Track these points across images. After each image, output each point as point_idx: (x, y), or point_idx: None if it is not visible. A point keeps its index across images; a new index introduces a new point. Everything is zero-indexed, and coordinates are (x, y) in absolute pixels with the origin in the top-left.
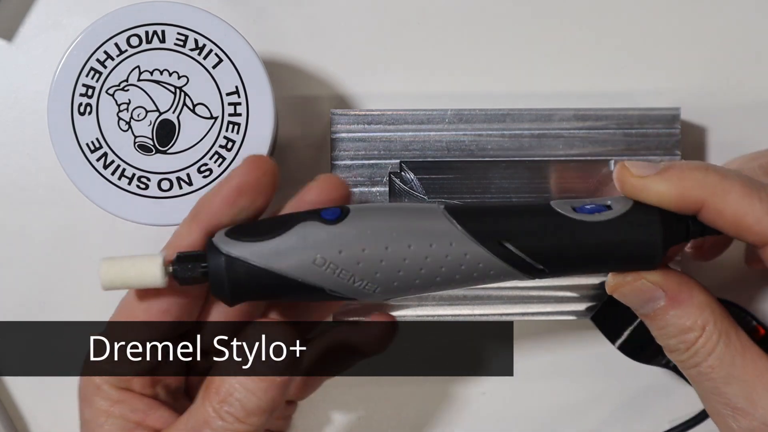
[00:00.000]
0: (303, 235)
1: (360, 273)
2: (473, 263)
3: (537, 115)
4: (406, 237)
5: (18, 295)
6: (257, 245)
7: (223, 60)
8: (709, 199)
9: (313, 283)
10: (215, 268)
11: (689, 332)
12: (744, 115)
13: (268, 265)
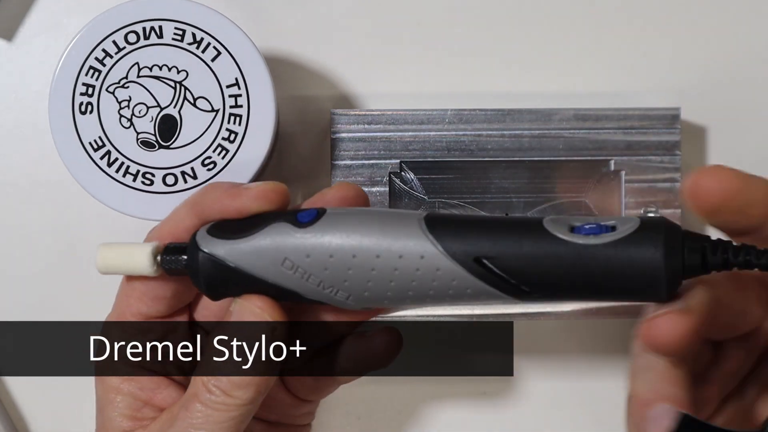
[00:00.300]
0: (273, 236)
1: (328, 280)
2: (446, 280)
3: (537, 115)
4: (375, 246)
5: (18, 295)
6: (230, 243)
7: (221, 53)
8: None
9: (285, 286)
10: (192, 264)
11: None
12: (744, 115)
13: (238, 265)
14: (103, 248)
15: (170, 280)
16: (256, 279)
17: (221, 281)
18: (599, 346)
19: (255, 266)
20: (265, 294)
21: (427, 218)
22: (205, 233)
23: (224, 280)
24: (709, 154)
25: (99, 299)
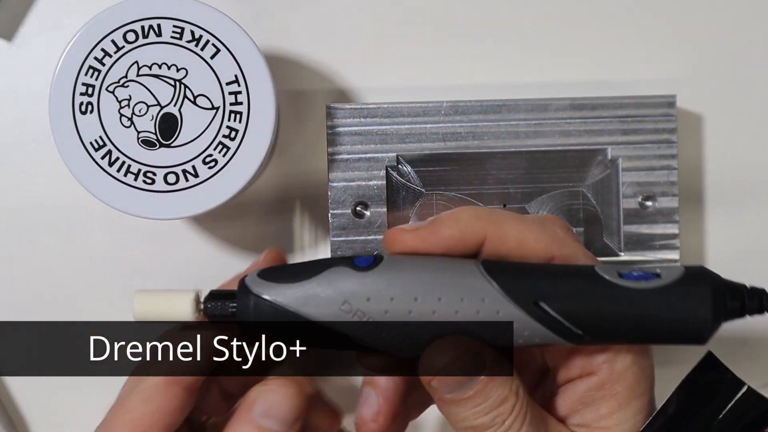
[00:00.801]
0: (332, 280)
1: (387, 323)
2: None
3: (533, 105)
4: (437, 289)
5: (18, 295)
6: (286, 287)
7: (220, 50)
8: (490, 229)
9: (340, 330)
10: (243, 308)
11: (506, 402)
12: (740, 102)
13: (295, 308)
14: (139, 295)
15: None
16: (311, 324)
17: (272, 326)
18: None
19: (313, 310)
20: (317, 341)
21: (484, 263)
22: (257, 278)
23: (276, 326)
24: (705, 142)
25: (99, 299)
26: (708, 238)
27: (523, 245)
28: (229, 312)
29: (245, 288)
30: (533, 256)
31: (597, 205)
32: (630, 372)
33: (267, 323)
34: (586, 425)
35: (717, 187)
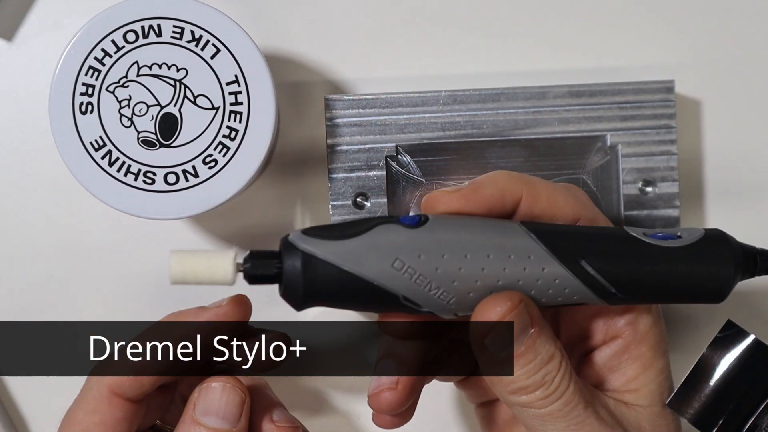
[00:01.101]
0: (384, 236)
1: (438, 280)
2: (549, 279)
3: (531, 93)
4: (486, 246)
5: (18, 295)
6: (336, 244)
7: (220, 50)
8: (525, 189)
9: (390, 288)
10: (290, 267)
11: (553, 359)
12: (738, 87)
13: (346, 265)
14: (176, 256)
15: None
16: (361, 280)
17: (321, 284)
18: None
19: (363, 267)
20: (362, 300)
21: (525, 224)
22: (301, 234)
23: (324, 283)
24: (704, 127)
25: (99, 299)
26: (708, 223)
27: (554, 206)
28: (274, 272)
29: (290, 245)
30: (562, 217)
31: (597, 192)
32: (652, 332)
33: (315, 282)
34: (615, 390)
35: (717, 171)
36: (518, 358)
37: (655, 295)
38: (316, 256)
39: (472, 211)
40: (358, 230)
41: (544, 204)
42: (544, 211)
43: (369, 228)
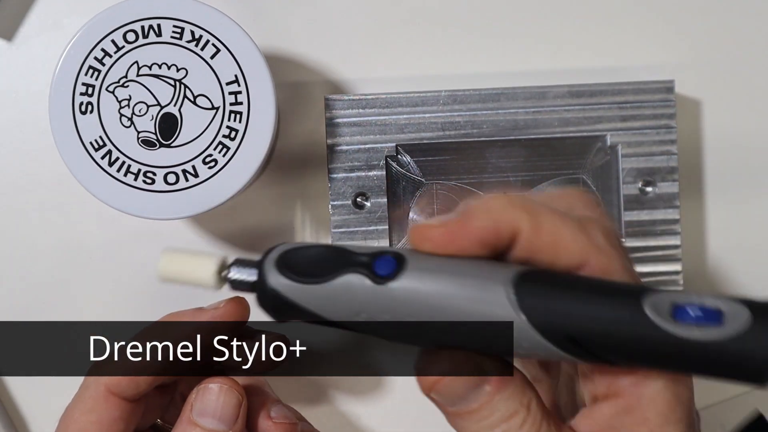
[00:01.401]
0: (348, 289)
1: (403, 336)
2: (531, 350)
3: (531, 93)
4: (459, 314)
5: (18, 295)
6: (299, 286)
7: (220, 50)
8: (524, 219)
9: (356, 328)
10: (261, 290)
11: (515, 416)
12: (738, 87)
13: (309, 307)
14: (166, 255)
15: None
16: (327, 321)
17: (287, 311)
18: None
19: (327, 312)
20: (334, 328)
21: (516, 284)
22: (275, 263)
23: (290, 311)
24: (704, 127)
25: (99, 299)
26: (709, 223)
27: (557, 243)
28: (251, 283)
29: (263, 270)
30: (566, 258)
31: (597, 192)
32: (661, 398)
33: (280, 310)
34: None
35: (717, 171)
36: (471, 413)
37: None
38: (282, 295)
39: (461, 249)
40: (326, 276)
41: (547, 239)
42: (545, 248)
43: (337, 275)
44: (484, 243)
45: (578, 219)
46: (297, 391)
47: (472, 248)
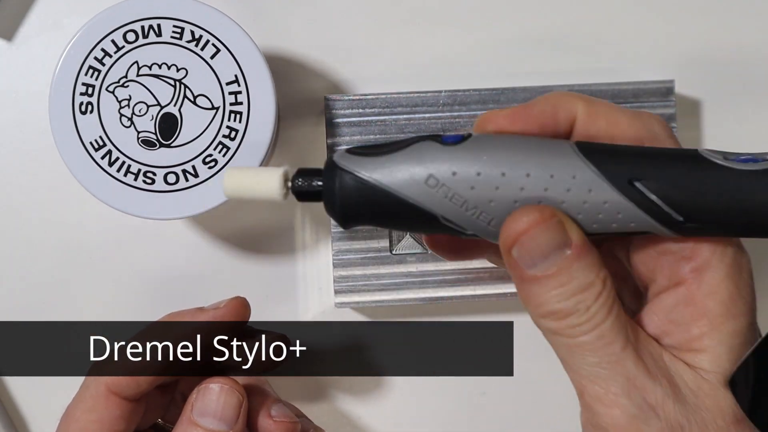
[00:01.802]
0: (418, 153)
1: (474, 199)
2: (598, 202)
3: (531, 93)
4: (526, 165)
5: (18, 295)
6: (371, 159)
7: (220, 50)
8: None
9: (426, 207)
10: (329, 183)
11: (591, 287)
12: (738, 87)
13: (378, 181)
14: (230, 171)
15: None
16: (395, 197)
17: (356, 201)
18: None
19: (397, 184)
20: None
21: (578, 143)
22: (345, 152)
23: (359, 200)
24: (705, 127)
25: (99, 299)
26: None
27: (613, 127)
28: (316, 188)
29: (332, 163)
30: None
31: None
32: (723, 287)
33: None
34: (675, 347)
35: None
36: (549, 279)
37: (734, 225)
38: (351, 172)
39: (522, 129)
40: (396, 147)
41: (603, 124)
42: (603, 132)
43: (407, 144)
44: (543, 126)
45: (634, 111)
46: (297, 391)
47: (532, 131)
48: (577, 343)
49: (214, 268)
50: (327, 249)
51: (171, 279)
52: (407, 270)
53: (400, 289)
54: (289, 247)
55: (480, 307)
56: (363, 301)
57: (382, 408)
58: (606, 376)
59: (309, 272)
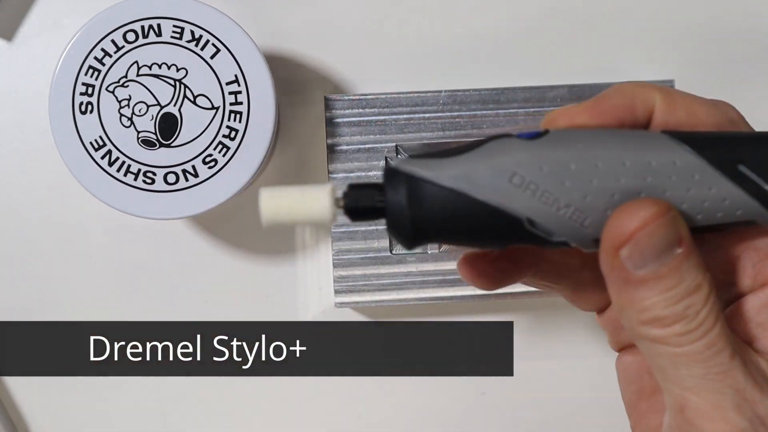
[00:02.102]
0: (498, 150)
1: (566, 195)
2: (703, 189)
3: (532, 93)
4: (621, 154)
5: (19, 295)
6: (444, 162)
7: (220, 50)
8: (658, 95)
9: (510, 209)
10: (394, 194)
11: (700, 290)
12: (737, 88)
13: (456, 184)
14: (267, 192)
15: None
16: (477, 203)
17: (430, 211)
18: (600, 347)
19: (476, 185)
20: (481, 229)
21: (667, 132)
22: (406, 158)
23: (434, 210)
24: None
25: (99, 299)
26: None
27: (692, 117)
28: (377, 203)
29: (393, 170)
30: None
31: None
32: None
33: (423, 209)
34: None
35: None
36: (658, 280)
37: None
38: (422, 177)
39: (599, 123)
40: (467, 147)
41: (681, 115)
42: (683, 122)
43: (480, 144)
44: (621, 119)
45: (710, 99)
46: (297, 391)
47: (609, 125)
48: (684, 353)
49: (214, 268)
50: (327, 249)
51: (171, 279)
52: (407, 270)
53: (400, 289)
54: (289, 247)
55: (480, 307)
56: (363, 301)
57: (382, 408)
58: (714, 389)
59: (309, 272)
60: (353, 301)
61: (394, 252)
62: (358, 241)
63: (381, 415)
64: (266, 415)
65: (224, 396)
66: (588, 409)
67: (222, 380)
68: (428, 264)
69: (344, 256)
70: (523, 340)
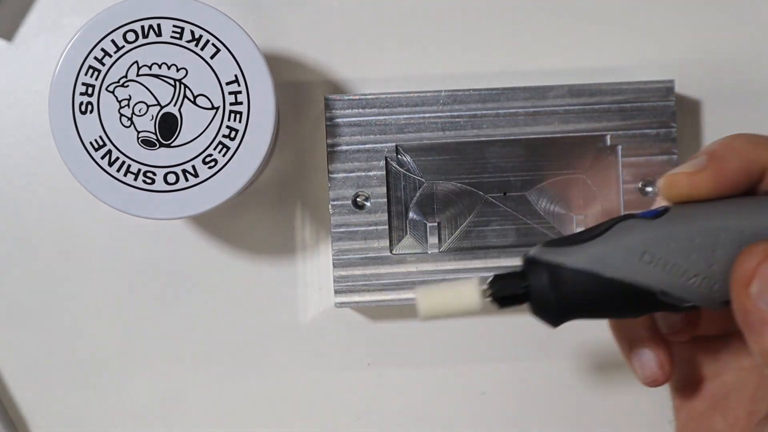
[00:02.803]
0: (626, 231)
1: (694, 267)
2: None
3: (531, 92)
4: (739, 222)
5: (19, 295)
6: (578, 249)
7: (220, 50)
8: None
9: (644, 284)
10: (537, 282)
11: None
12: (738, 87)
13: (593, 268)
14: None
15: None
16: (612, 282)
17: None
18: (600, 347)
19: (611, 266)
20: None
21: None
22: (542, 247)
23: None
24: (704, 127)
25: (99, 299)
26: None
27: None
28: (521, 290)
29: (533, 260)
30: None
31: (597, 192)
32: None
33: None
34: None
35: None
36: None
37: None
38: (561, 265)
39: (719, 191)
40: (596, 233)
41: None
42: None
43: (607, 228)
44: (737, 184)
45: None
46: (297, 391)
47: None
48: None
49: (214, 268)
50: (327, 249)
51: (171, 279)
52: (407, 270)
53: (400, 289)
54: (289, 247)
55: None
56: (363, 301)
57: (382, 408)
58: None
59: (309, 272)
60: (353, 301)
61: (394, 252)
62: (358, 241)
63: (381, 415)
64: (266, 415)
65: (224, 396)
66: (588, 410)
67: (222, 380)
68: (428, 264)
69: (344, 256)
70: (523, 340)
